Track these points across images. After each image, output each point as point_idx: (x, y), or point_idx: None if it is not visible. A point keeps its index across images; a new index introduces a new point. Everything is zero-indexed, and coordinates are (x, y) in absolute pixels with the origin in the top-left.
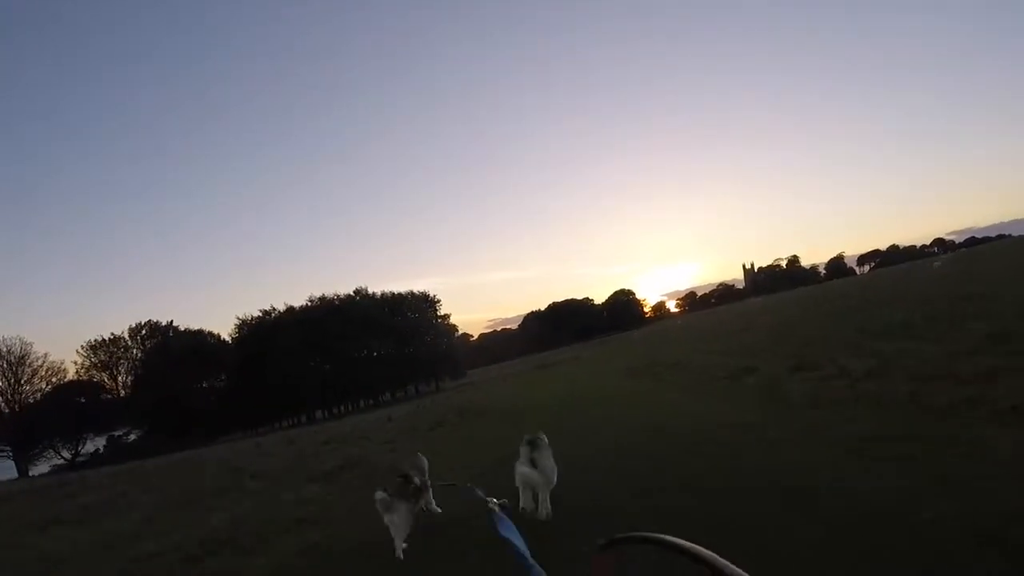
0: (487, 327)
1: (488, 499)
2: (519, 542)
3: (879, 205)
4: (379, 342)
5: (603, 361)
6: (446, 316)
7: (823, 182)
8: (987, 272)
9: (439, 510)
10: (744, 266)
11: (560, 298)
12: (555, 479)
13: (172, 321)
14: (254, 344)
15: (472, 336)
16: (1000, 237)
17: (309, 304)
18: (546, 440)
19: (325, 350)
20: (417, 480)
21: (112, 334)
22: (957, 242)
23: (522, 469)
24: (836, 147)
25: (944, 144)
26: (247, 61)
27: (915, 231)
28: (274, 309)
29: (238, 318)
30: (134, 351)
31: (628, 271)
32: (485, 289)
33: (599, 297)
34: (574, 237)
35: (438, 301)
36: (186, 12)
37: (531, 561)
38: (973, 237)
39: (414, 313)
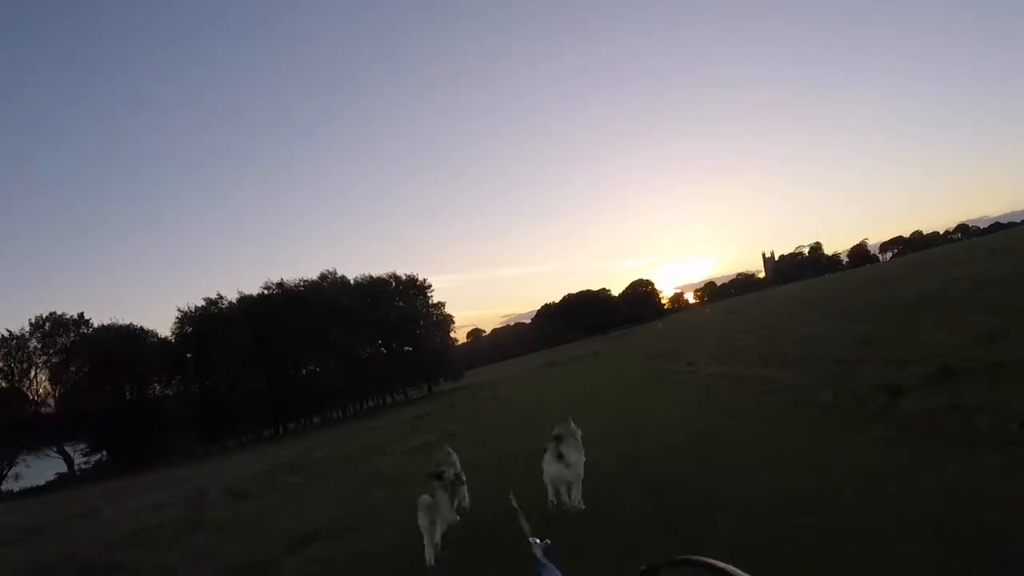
0: (502, 323)
1: (532, 539)
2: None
3: (895, 193)
4: (354, 337)
5: (625, 359)
6: (440, 305)
7: (841, 170)
8: None
9: (469, 506)
10: (764, 255)
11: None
12: (582, 472)
13: (83, 314)
14: (198, 342)
15: (484, 331)
16: None
17: (266, 292)
18: (575, 430)
19: (277, 350)
20: (451, 474)
21: (8, 331)
22: (981, 227)
23: (549, 467)
24: (853, 135)
25: (961, 132)
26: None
27: (928, 220)
28: (221, 298)
29: (180, 310)
30: (37, 353)
31: (645, 264)
32: (500, 285)
33: (616, 290)
34: (590, 232)
35: (429, 287)
36: None
37: None
38: (997, 223)
39: (399, 301)
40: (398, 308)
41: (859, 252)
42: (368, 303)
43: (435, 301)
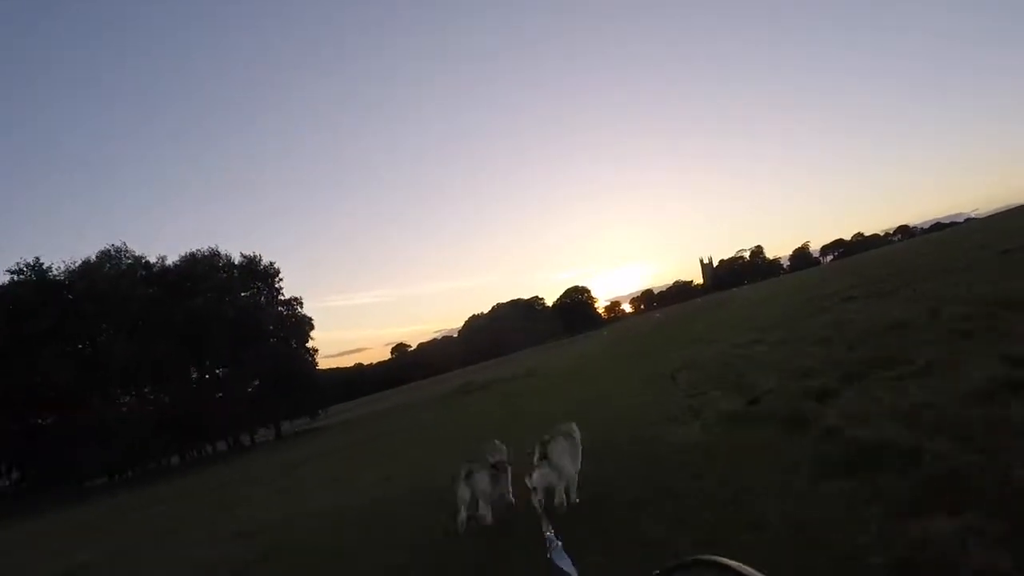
0: (432, 338)
1: (547, 528)
2: (572, 570)
3: (840, 196)
4: (142, 350)
5: (571, 380)
6: (294, 301)
7: (783, 174)
8: None
9: (513, 500)
10: (702, 261)
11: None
12: (572, 472)
13: None
14: None
15: (410, 347)
16: (967, 221)
17: (16, 277)
18: (572, 433)
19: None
20: (493, 459)
21: None
22: (923, 228)
23: (536, 472)
24: (795, 138)
25: (905, 135)
26: None
27: (870, 222)
28: None
29: None
30: None
31: (580, 275)
32: (431, 300)
33: (550, 299)
34: (523, 244)
35: (277, 273)
36: None
37: None
38: (938, 223)
39: (226, 294)
40: (223, 302)
41: (800, 255)
42: (173, 296)
43: (287, 296)
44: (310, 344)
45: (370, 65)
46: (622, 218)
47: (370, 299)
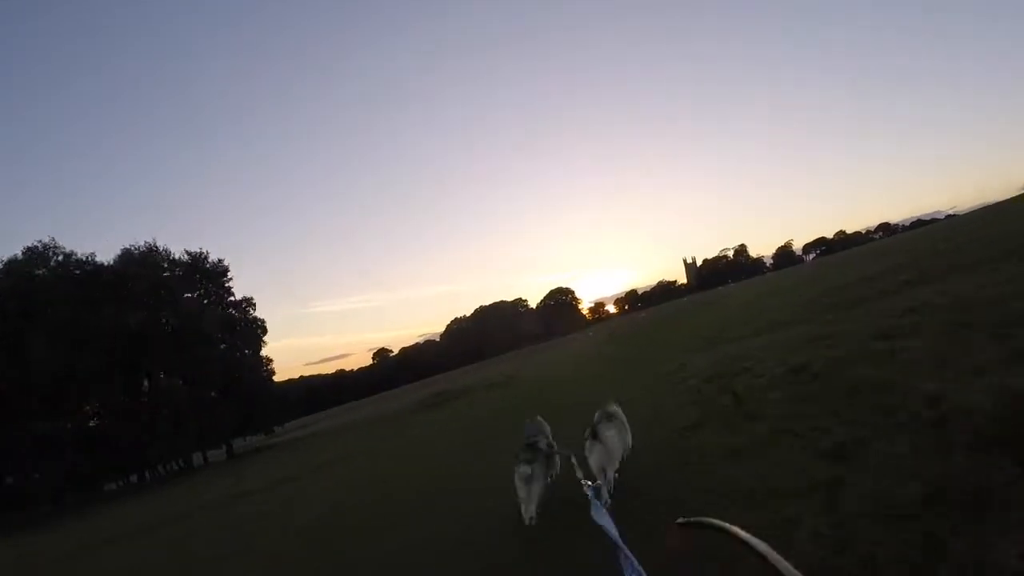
0: (415, 342)
1: (584, 481)
2: (611, 527)
3: (825, 193)
4: (65, 358)
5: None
6: (246, 303)
7: (764, 173)
8: None
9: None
10: (685, 260)
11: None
12: (620, 454)
13: None
14: None
15: (392, 351)
16: (949, 217)
17: None
18: (618, 415)
19: None
20: (544, 445)
21: None
22: (905, 225)
23: (594, 452)
24: (780, 135)
25: (890, 132)
26: None
27: (853, 219)
28: None
29: None
30: None
31: (564, 277)
32: (415, 304)
33: (533, 301)
34: (507, 246)
35: (225, 272)
36: None
37: (621, 544)
38: (919, 220)
39: (160, 291)
40: (159, 304)
41: (783, 254)
42: (108, 297)
43: (238, 297)
44: (264, 352)
45: (353, 67)
46: (605, 219)
47: (353, 304)
